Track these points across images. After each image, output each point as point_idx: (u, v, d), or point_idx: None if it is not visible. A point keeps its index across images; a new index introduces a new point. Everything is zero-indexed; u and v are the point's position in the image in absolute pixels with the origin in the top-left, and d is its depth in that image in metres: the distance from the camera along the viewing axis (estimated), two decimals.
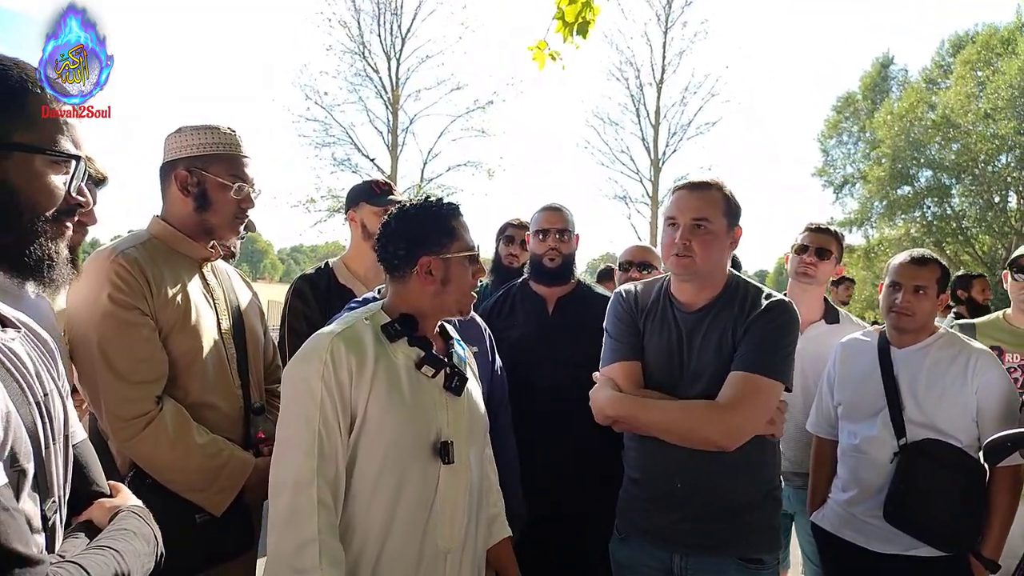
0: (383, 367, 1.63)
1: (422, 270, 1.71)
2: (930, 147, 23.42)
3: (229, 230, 2.08)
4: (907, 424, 2.37)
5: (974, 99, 22.52)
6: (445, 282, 1.73)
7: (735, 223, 2.05)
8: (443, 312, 1.78)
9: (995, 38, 23.03)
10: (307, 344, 1.64)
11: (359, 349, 1.61)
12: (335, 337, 1.60)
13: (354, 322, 1.68)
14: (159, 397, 1.87)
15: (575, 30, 4.26)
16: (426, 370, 1.70)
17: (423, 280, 1.72)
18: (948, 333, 2.52)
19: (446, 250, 1.72)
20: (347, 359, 1.58)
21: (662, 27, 23.51)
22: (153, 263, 1.93)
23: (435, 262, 1.71)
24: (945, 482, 2.29)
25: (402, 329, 1.71)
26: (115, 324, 1.83)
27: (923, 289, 2.44)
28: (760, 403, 1.90)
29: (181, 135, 2.03)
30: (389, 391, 1.62)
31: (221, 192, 2.01)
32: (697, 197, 2.00)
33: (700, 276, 2.01)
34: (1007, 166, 22.59)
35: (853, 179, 26.62)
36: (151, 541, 1.13)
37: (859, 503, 2.42)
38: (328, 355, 1.57)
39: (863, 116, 26.61)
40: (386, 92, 22.86)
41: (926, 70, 26.04)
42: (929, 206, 24.27)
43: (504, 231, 3.47)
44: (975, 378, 2.35)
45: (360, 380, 1.59)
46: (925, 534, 2.29)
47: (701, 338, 2.01)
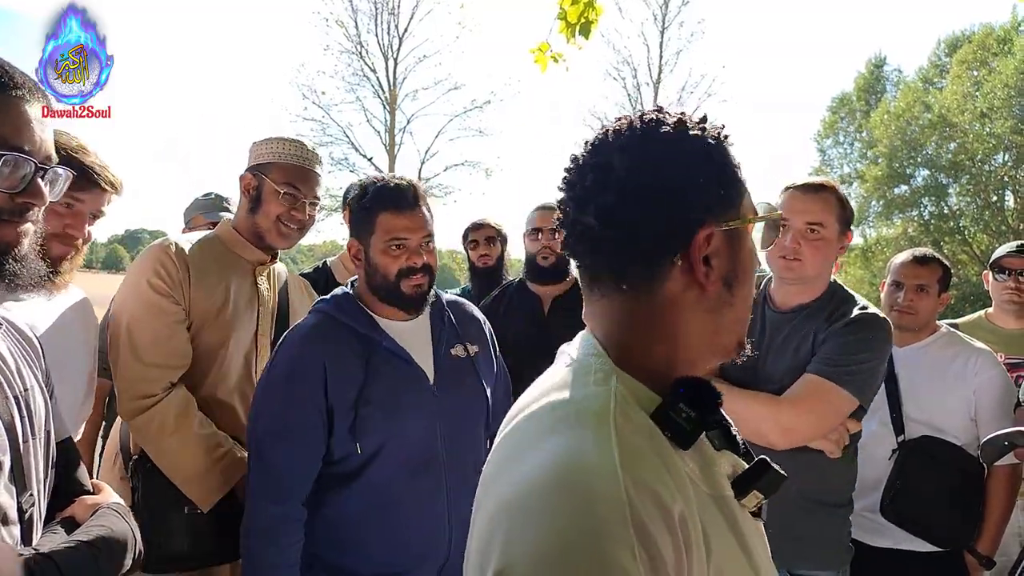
0: (709, 517, 0.76)
1: (696, 257, 0.81)
2: (927, 147, 23.49)
3: (277, 237, 2.09)
4: (906, 422, 2.40)
5: (970, 98, 22.58)
6: (730, 282, 0.84)
7: (847, 228, 1.95)
8: (719, 352, 0.88)
9: (991, 38, 23.08)
10: (573, 482, 0.69)
11: (672, 484, 0.72)
12: (624, 470, 0.68)
13: (609, 414, 0.75)
14: (172, 384, 1.91)
15: (578, 30, 4.27)
16: (751, 497, 0.84)
17: (688, 281, 0.82)
18: (949, 332, 2.55)
19: (734, 213, 0.84)
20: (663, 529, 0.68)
21: (659, 27, 23.51)
22: (203, 258, 2.01)
23: (718, 238, 0.82)
24: (942, 479, 2.31)
25: (697, 413, 0.79)
26: (146, 307, 1.90)
27: (925, 288, 2.47)
28: (822, 408, 1.78)
29: (258, 145, 2.12)
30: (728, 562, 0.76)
31: (272, 197, 2.05)
32: (812, 200, 1.89)
33: (805, 281, 1.94)
34: (1004, 165, 22.67)
35: (850, 179, 26.63)
36: (128, 538, 1.15)
37: (858, 498, 2.43)
38: (630, 520, 0.65)
39: (859, 116, 26.67)
40: (383, 92, 22.86)
41: (922, 70, 26.11)
42: (926, 205, 24.34)
43: (467, 237, 3.46)
44: (974, 377, 2.38)
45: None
46: (921, 529, 2.31)
47: (782, 340, 1.93)
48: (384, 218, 1.77)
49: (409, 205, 1.78)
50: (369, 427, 1.70)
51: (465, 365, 1.89)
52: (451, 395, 1.81)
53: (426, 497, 1.75)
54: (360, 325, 1.78)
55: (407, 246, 1.77)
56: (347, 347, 1.74)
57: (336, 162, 22.46)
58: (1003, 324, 2.88)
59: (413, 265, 1.77)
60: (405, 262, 1.76)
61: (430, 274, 1.82)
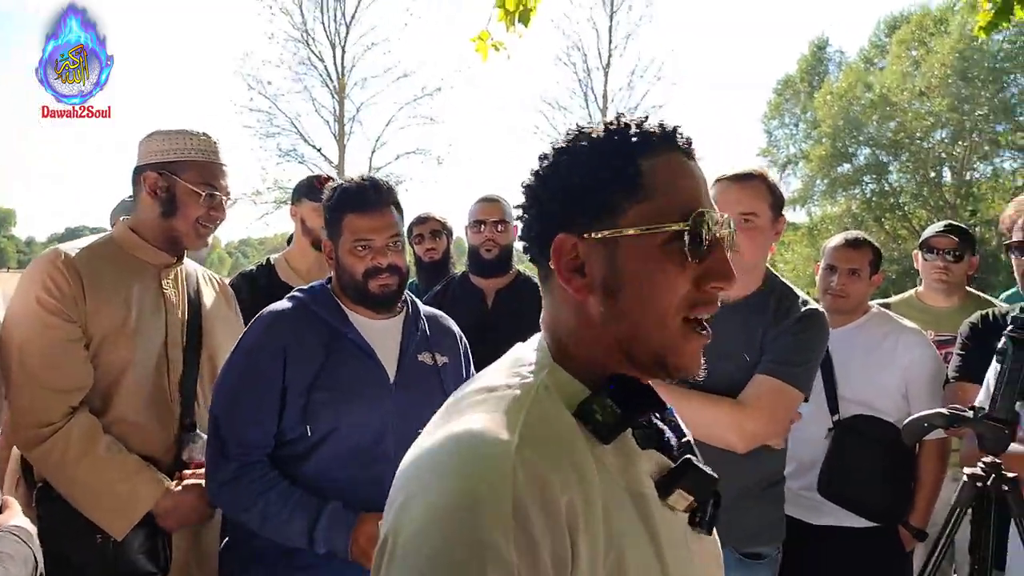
0: (612, 507, 0.76)
1: (557, 264, 0.84)
2: (868, 126, 24.03)
3: (195, 239, 1.99)
4: (841, 402, 2.46)
5: (909, 78, 23.19)
6: (613, 294, 0.82)
7: (779, 214, 1.97)
8: (641, 368, 0.85)
9: (928, 18, 23.72)
10: (451, 466, 0.73)
11: (571, 475, 0.73)
12: (517, 452, 0.71)
13: (527, 401, 0.78)
14: (73, 408, 1.78)
15: (517, 18, 4.24)
16: (677, 497, 0.82)
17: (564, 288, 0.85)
18: (880, 312, 2.62)
19: (611, 222, 0.81)
20: (555, 499, 0.70)
21: (607, 11, 23.57)
22: (96, 266, 1.86)
23: (589, 247, 0.83)
24: (876, 456, 2.38)
25: (624, 409, 0.80)
26: (37, 326, 1.78)
27: (857, 272, 2.54)
28: (781, 411, 1.83)
29: (154, 139, 1.97)
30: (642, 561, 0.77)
31: (190, 199, 1.94)
32: (742, 189, 1.91)
33: (743, 272, 1.89)
34: (941, 142, 23.35)
35: (796, 159, 27.18)
36: (29, 563, 1.11)
37: (796, 478, 2.49)
38: (510, 500, 0.68)
39: (803, 98, 27.17)
40: (331, 81, 22.53)
41: (863, 51, 26.70)
42: (868, 183, 24.94)
43: (411, 232, 3.42)
44: (905, 356, 2.45)
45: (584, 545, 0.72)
46: (856, 506, 2.38)
47: (729, 335, 1.88)
48: (350, 219, 1.79)
49: (374, 205, 1.80)
50: (320, 412, 1.73)
51: (430, 372, 1.89)
52: (409, 396, 1.80)
53: (371, 491, 1.70)
54: (330, 316, 1.82)
55: (372, 247, 1.78)
56: (313, 334, 1.79)
57: (284, 153, 22.12)
58: (933, 302, 2.96)
59: (378, 265, 1.79)
60: (370, 262, 1.78)
61: (398, 274, 1.84)
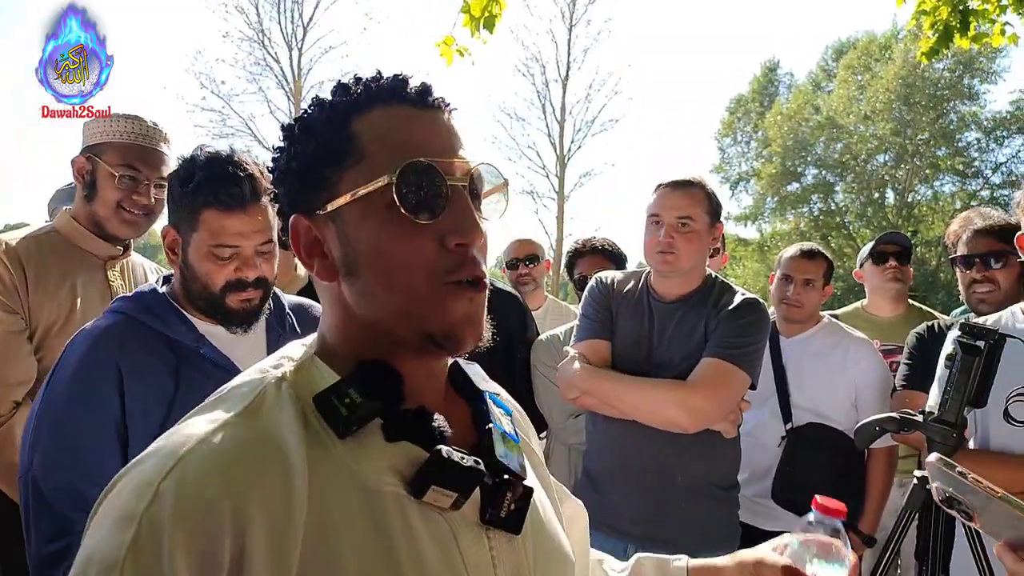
0: (334, 506, 0.68)
1: (296, 248, 0.79)
2: (816, 146, 24.85)
3: (120, 225, 1.91)
4: (793, 409, 2.52)
5: (855, 101, 24.05)
6: (353, 270, 0.75)
7: (716, 220, 2.06)
8: (409, 346, 0.76)
9: (874, 44, 24.67)
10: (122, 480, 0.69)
11: (250, 480, 0.65)
12: (194, 457, 0.65)
13: (239, 404, 0.71)
14: (17, 403, 1.74)
15: (482, 24, 4.26)
16: (435, 495, 0.71)
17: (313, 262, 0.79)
18: (831, 322, 2.69)
19: (327, 195, 0.76)
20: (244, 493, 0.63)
21: (567, 24, 23.77)
22: (39, 256, 1.81)
23: (318, 226, 0.78)
24: (826, 463, 2.44)
25: (370, 398, 0.72)
26: None
27: (812, 282, 2.61)
28: (725, 389, 1.90)
29: (90, 123, 1.92)
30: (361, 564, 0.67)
31: (107, 181, 1.86)
32: (681, 195, 1.99)
33: (682, 273, 2.02)
34: (885, 165, 24.28)
35: (747, 176, 27.85)
36: None
37: (750, 485, 2.53)
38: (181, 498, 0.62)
39: (754, 117, 27.89)
40: (287, 83, 22.17)
41: (812, 74, 27.57)
42: (816, 202, 25.75)
43: None
44: (854, 365, 2.52)
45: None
46: (808, 512, 2.42)
47: (673, 328, 2.01)
48: (211, 216, 1.39)
49: (244, 201, 1.39)
50: None
51: None
52: None
53: None
54: (171, 330, 1.44)
55: (239, 254, 1.42)
56: (152, 355, 1.40)
57: None
58: (878, 312, 3.08)
59: (244, 278, 1.43)
60: (235, 273, 1.42)
61: (264, 287, 1.48)
